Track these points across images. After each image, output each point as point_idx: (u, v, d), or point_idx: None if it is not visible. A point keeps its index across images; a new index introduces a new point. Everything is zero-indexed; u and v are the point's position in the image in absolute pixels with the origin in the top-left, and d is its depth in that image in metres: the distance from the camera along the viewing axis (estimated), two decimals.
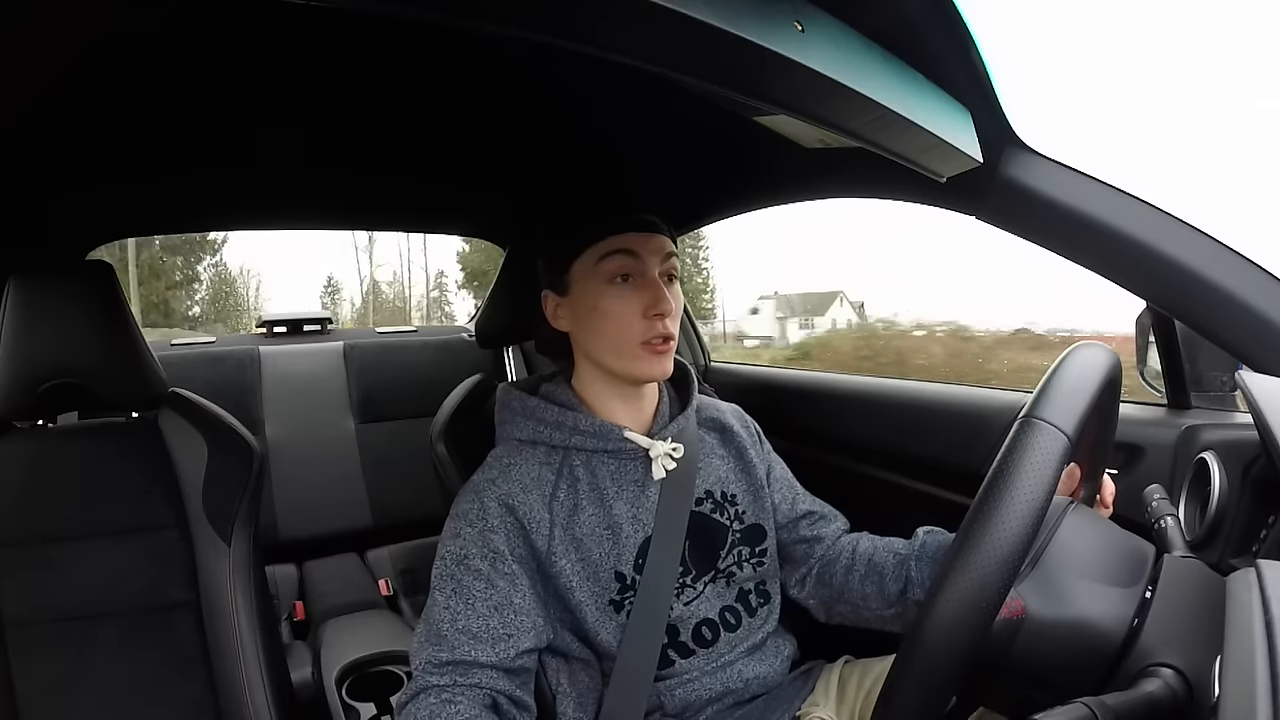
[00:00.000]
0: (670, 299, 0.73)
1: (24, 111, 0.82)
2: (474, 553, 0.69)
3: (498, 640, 0.66)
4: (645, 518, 0.76)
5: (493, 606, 0.67)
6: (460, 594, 0.68)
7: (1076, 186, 0.70)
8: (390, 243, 24.36)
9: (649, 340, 0.73)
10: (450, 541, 0.71)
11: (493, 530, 0.70)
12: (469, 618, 0.66)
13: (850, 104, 0.51)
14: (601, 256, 0.73)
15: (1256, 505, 0.62)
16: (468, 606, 0.67)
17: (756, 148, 0.98)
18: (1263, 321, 0.62)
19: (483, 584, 0.68)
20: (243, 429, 0.99)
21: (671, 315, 0.74)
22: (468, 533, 0.71)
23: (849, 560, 0.83)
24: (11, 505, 0.89)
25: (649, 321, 0.73)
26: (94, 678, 0.87)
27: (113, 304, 0.93)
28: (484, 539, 0.70)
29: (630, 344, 0.73)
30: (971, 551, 0.42)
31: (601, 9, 0.38)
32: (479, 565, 0.69)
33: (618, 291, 0.73)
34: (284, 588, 1.65)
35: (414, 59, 0.83)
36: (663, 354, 0.74)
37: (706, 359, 1.64)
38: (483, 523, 0.71)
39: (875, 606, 0.79)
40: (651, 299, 0.73)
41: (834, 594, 0.83)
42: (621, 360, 0.74)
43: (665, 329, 0.73)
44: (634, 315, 0.73)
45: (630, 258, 0.73)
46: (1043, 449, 0.44)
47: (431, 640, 0.66)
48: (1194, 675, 0.44)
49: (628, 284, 0.73)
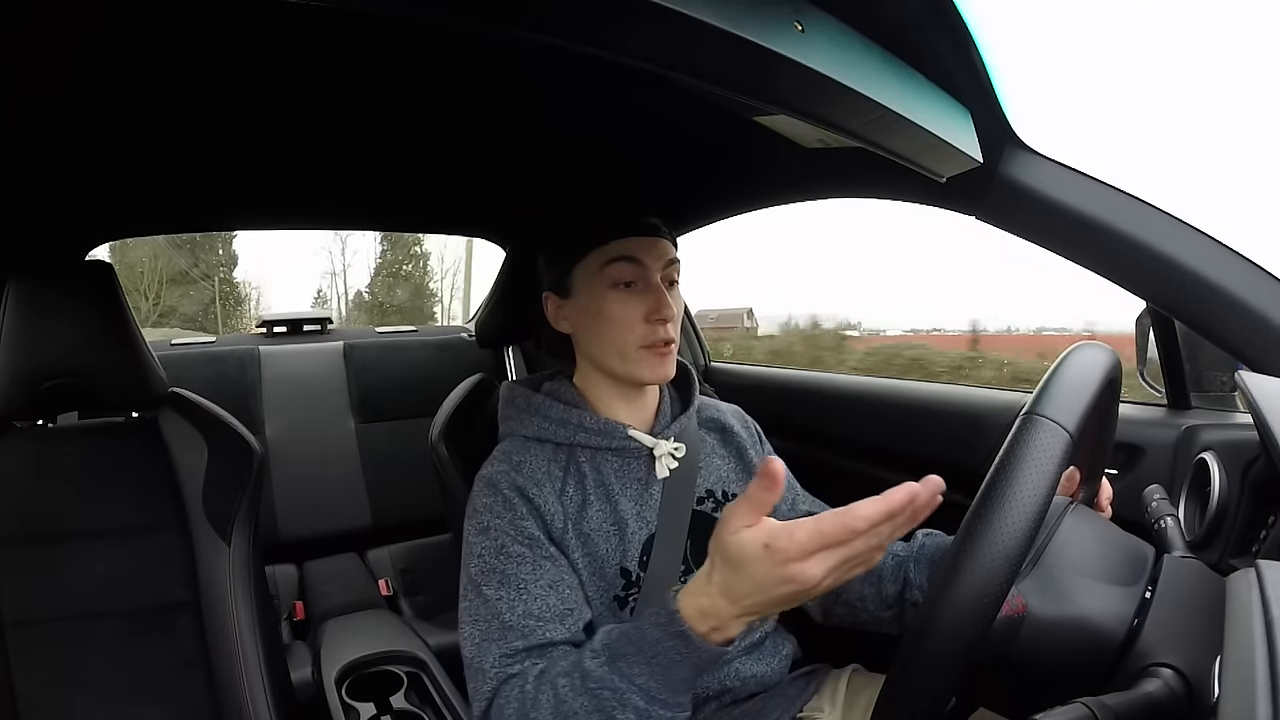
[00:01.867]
0: (671, 304, 0.73)
1: (24, 111, 0.82)
2: (509, 541, 0.69)
3: (563, 617, 0.66)
4: (649, 515, 0.76)
5: (547, 585, 0.67)
6: (509, 582, 0.67)
7: (1076, 186, 0.70)
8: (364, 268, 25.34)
9: (650, 344, 0.74)
10: (480, 537, 0.70)
11: (522, 518, 0.70)
12: (528, 601, 0.66)
13: (850, 104, 0.51)
14: (606, 262, 0.74)
15: (1256, 505, 0.62)
16: (522, 591, 0.66)
17: (756, 148, 0.98)
18: (1263, 321, 0.62)
19: (529, 567, 0.67)
20: (243, 429, 0.99)
21: (673, 319, 0.74)
22: (497, 524, 0.70)
23: None
24: (11, 505, 0.89)
25: (651, 326, 0.73)
26: (94, 677, 0.87)
27: (113, 304, 0.93)
28: (516, 527, 0.70)
29: (632, 347, 0.74)
30: (974, 545, 0.42)
31: (602, 9, 0.38)
32: (520, 550, 0.68)
33: (620, 296, 0.74)
34: (284, 588, 1.64)
35: (414, 59, 0.83)
36: (664, 357, 0.74)
37: (707, 359, 1.64)
38: (510, 512, 0.71)
39: (872, 608, 0.79)
40: (654, 304, 0.73)
41: (831, 595, 0.83)
42: (624, 363, 0.75)
43: (667, 333, 0.74)
44: (636, 319, 0.73)
45: (634, 264, 0.74)
46: (1045, 445, 0.44)
47: (498, 634, 0.65)
48: (1194, 675, 0.44)
49: (630, 289, 0.74)
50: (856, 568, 0.47)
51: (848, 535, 0.44)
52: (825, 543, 0.44)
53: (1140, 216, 0.67)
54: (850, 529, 0.44)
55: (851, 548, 0.45)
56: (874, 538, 0.45)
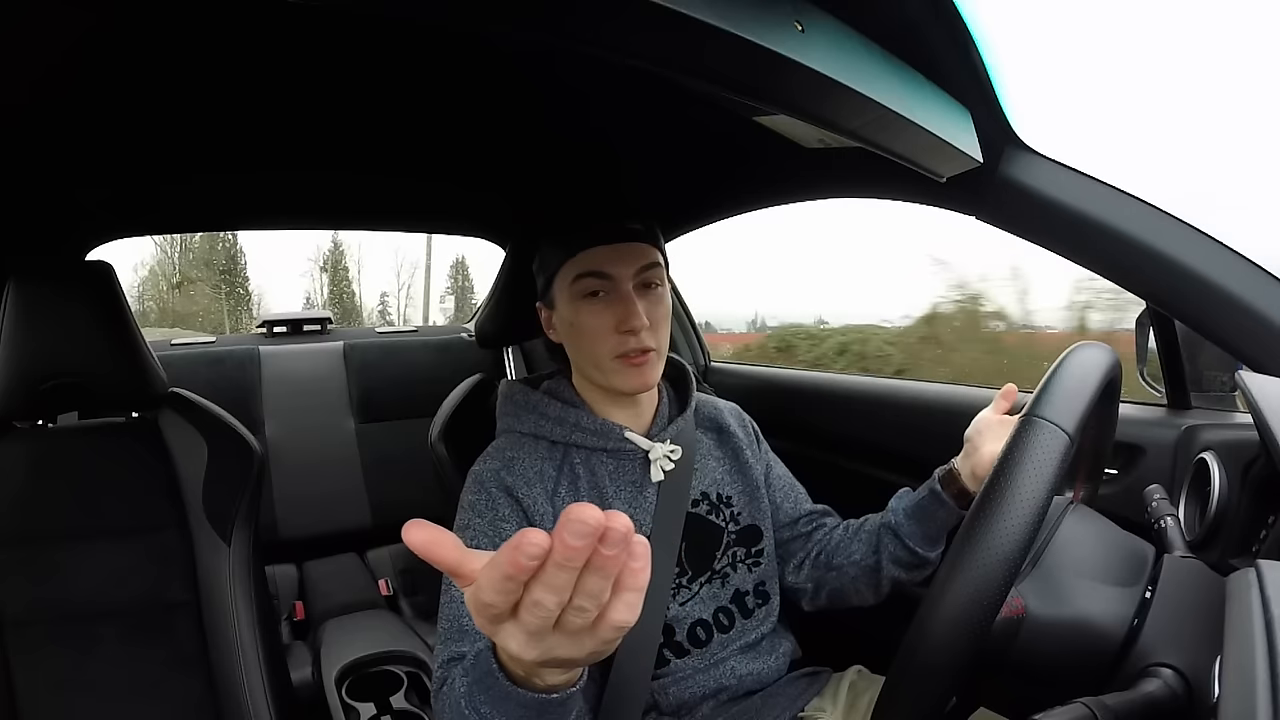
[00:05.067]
0: (641, 314, 0.72)
1: (24, 112, 0.82)
2: (484, 544, 0.70)
3: None
4: (643, 518, 0.76)
5: None
6: None
7: (1076, 186, 0.69)
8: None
9: (623, 354, 0.73)
10: (460, 534, 0.72)
11: (503, 519, 0.71)
12: None
13: (850, 104, 0.51)
14: (575, 276, 0.74)
15: (1256, 505, 0.62)
16: None
17: (756, 148, 0.98)
18: (1263, 321, 0.62)
19: None
20: (243, 429, 0.99)
21: (647, 328, 0.72)
22: (476, 524, 0.71)
23: (841, 533, 0.84)
24: (11, 505, 0.89)
25: (621, 336, 0.72)
26: (94, 677, 0.87)
27: (113, 304, 0.93)
28: (494, 528, 0.70)
29: (605, 359, 0.73)
30: (974, 548, 0.42)
31: (601, 9, 0.38)
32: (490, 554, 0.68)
33: (590, 307, 0.74)
34: (284, 588, 1.65)
35: (413, 59, 0.83)
36: (639, 367, 0.73)
37: (706, 359, 1.64)
38: (492, 512, 0.71)
39: (858, 558, 0.80)
40: (623, 314, 0.72)
41: (821, 569, 0.84)
42: (601, 373, 0.75)
43: (640, 342, 0.72)
44: (607, 330, 0.73)
45: (599, 278, 0.73)
46: (1044, 447, 0.44)
47: (452, 636, 0.66)
48: (1194, 675, 0.44)
49: (600, 299, 0.73)
50: (555, 631, 0.35)
51: (514, 566, 0.32)
52: (495, 570, 0.34)
53: (1140, 216, 0.67)
54: (514, 559, 0.32)
55: (532, 585, 0.34)
56: (553, 581, 0.33)
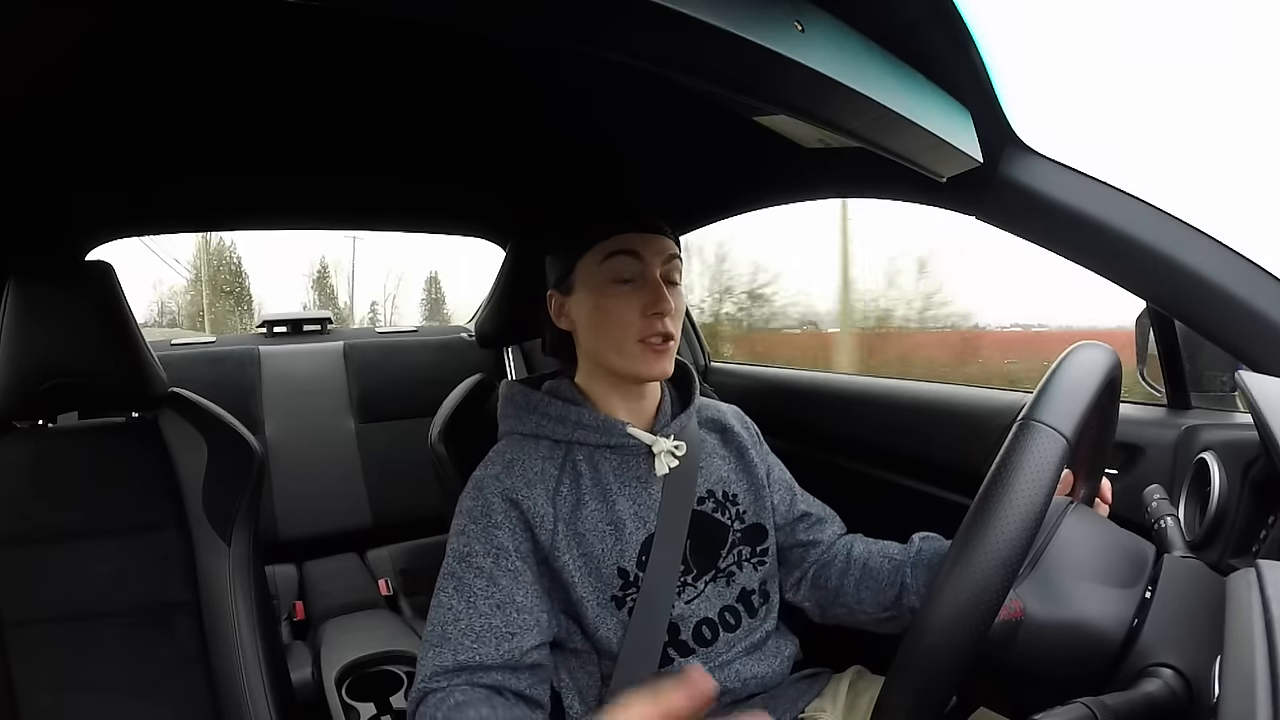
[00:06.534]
0: (669, 299, 0.74)
1: (24, 111, 0.82)
2: (478, 550, 0.70)
3: (502, 639, 0.66)
4: (647, 515, 0.76)
5: (495, 605, 0.67)
6: (462, 592, 0.68)
7: (1076, 187, 0.69)
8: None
9: (648, 339, 0.74)
10: (455, 538, 0.72)
11: (497, 526, 0.71)
12: (471, 617, 0.67)
13: (850, 104, 0.51)
14: (606, 256, 0.75)
15: (1256, 505, 0.62)
16: (470, 605, 0.67)
17: (756, 148, 0.98)
18: (1263, 321, 0.62)
19: (484, 581, 0.68)
20: (243, 429, 0.99)
21: (671, 315, 0.74)
22: (472, 529, 0.71)
23: (844, 564, 0.83)
24: (11, 505, 0.89)
25: (648, 320, 0.74)
26: (94, 677, 0.87)
27: (113, 304, 0.93)
28: (488, 535, 0.70)
29: (630, 342, 0.74)
30: (970, 554, 0.42)
31: (602, 9, 0.38)
32: (482, 563, 0.69)
33: (619, 290, 0.74)
34: (284, 588, 1.64)
35: (414, 59, 0.83)
36: (661, 353, 0.75)
37: (707, 359, 1.64)
38: (486, 519, 0.71)
39: (870, 610, 0.79)
40: (651, 298, 0.74)
41: (829, 597, 0.83)
42: (622, 358, 0.75)
43: (664, 328, 0.74)
44: (634, 314, 0.74)
45: (633, 258, 0.74)
46: (1041, 452, 0.43)
47: (436, 644, 0.66)
48: (1194, 675, 0.44)
49: (629, 285, 0.74)
50: None
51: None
52: None
53: (1140, 216, 0.67)
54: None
55: None
56: None
